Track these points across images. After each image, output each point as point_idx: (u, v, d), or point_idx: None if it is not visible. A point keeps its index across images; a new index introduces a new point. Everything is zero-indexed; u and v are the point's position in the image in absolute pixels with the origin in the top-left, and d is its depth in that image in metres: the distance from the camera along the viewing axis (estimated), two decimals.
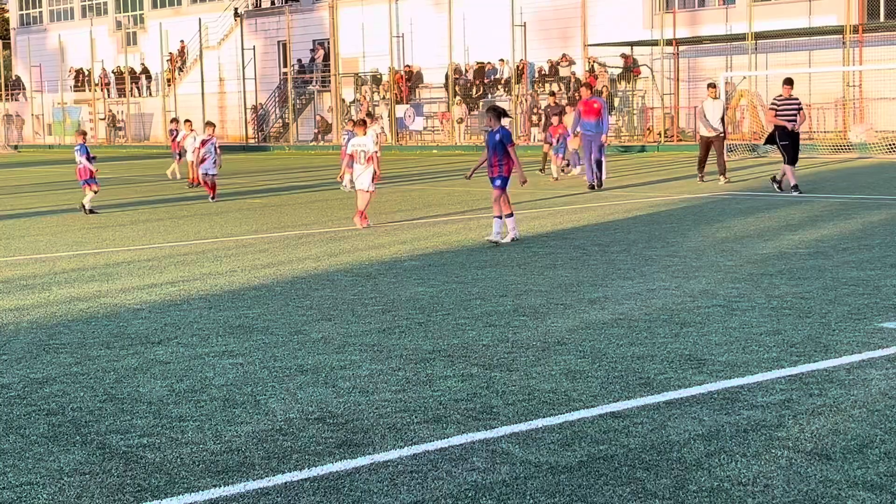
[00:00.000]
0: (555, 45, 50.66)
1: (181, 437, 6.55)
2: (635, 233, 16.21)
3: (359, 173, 17.83)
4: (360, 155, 17.78)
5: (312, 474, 5.82)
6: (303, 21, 60.89)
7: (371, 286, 12.01)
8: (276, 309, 10.74)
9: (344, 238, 16.64)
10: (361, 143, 17.87)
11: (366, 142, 17.89)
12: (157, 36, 65.74)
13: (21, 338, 9.66)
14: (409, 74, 54.98)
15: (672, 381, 7.54)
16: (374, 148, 18.02)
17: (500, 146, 15.40)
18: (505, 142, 15.41)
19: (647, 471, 5.74)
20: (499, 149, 15.41)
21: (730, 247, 14.34)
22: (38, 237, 17.97)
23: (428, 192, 25.97)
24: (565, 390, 7.36)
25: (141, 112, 69.25)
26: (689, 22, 46.93)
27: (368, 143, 17.88)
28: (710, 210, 19.36)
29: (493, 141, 15.48)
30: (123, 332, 9.77)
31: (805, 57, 43.83)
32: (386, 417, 6.83)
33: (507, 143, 15.41)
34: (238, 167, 40.15)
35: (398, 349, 8.79)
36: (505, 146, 15.39)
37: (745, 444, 6.13)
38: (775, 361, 8.02)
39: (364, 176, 17.75)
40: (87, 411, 7.17)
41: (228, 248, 15.74)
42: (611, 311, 10.12)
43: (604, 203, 21.20)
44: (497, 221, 15.37)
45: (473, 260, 13.87)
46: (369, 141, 18.02)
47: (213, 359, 8.61)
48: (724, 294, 10.85)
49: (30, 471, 6.01)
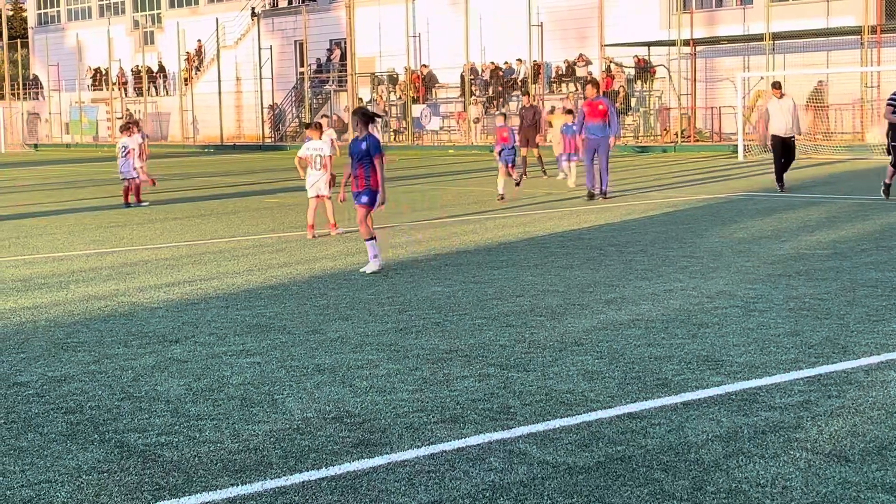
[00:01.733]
0: (571, 45, 50.60)
1: (199, 435, 6.57)
2: (652, 233, 16.19)
3: (314, 179, 17.01)
4: (315, 160, 16.99)
5: (330, 473, 5.83)
6: (319, 21, 60.95)
7: (388, 286, 12.01)
8: (293, 308, 10.76)
9: (360, 238, 16.61)
10: (317, 146, 17.11)
11: (321, 146, 17.14)
12: (175, 35, 65.86)
13: (39, 336, 9.69)
14: (425, 74, 54.99)
15: (690, 381, 7.52)
16: (330, 152, 17.35)
17: (367, 156, 13.31)
18: (372, 152, 13.27)
19: (665, 472, 5.72)
20: (365, 160, 13.30)
21: (747, 247, 14.30)
22: (56, 236, 18.03)
23: (444, 191, 25.97)
24: (582, 391, 7.35)
25: (158, 111, 69.41)
26: (706, 22, 46.83)
27: (324, 147, 17.14)
28: (728, 211, 19.32)
29: (359, 150, 13.32)
30: (141, 331, 9.79)
31: (823, 57, 43.70)
32: (403, 417, 6.83)
33: (374, 154, 13.27)
34: (254, 166, 40.23)
35: (415, 349, 8.79)
36: (371, 157, 13.30)
37: (763, 445, 6.11)
38: (793, 363, 7.99)
39: (320, 182, 16.98)
40: (105, 410, 7.19)
41: (245, 248, 15.77)
42: (628, 312, 10.11)
43: (621, 204, 21.16)
44: (370, 245, 13.21)
45: (490, 260, 13.86)
46: (325, 145, 17.29)
47: (231, 358, 8.63)
48: (742, 295, 10.82)
49: (48, 469, 6.03)
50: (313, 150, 17.04)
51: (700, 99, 46.52)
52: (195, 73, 67.38)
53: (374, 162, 13.25)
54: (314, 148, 17.07)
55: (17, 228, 19.40)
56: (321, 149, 17.04)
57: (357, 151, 13.30)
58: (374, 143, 13.29)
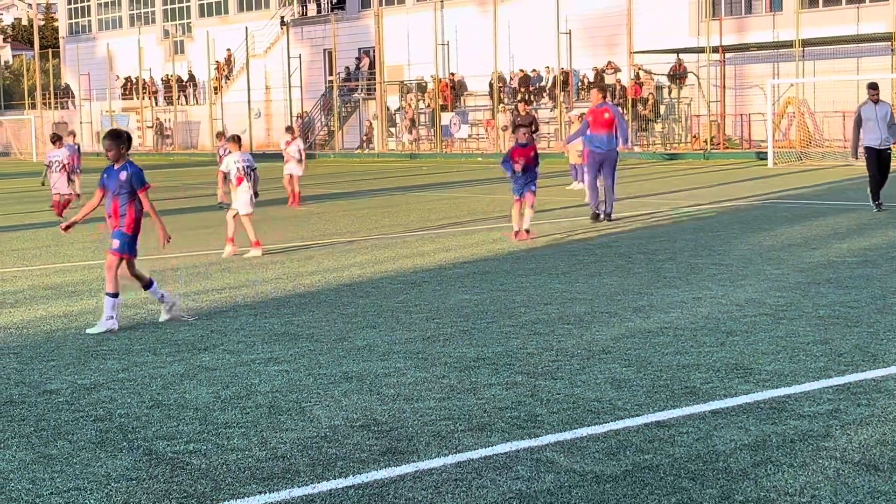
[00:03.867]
0: (600, 52, 50.54)
1: (227, 443, 6.59)
2: (681, 241, 16.14)
3: (236, 195, 16.20)
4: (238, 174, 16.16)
5: (357, 482, 5.84)
6: (348, 29, 61.12)
7: (415, 294, 12.02)
8: (321, 316, 10.78)
9: (388, 246, 16.67)
10: (238, 160, 16.25)
11: (242, 158, 16.28)
12: (204, 44, 66.19)
13: (69, 344, 9.75)
14: (455, 82, 55.04)
15: (718, 390, 7.49)
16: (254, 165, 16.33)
17: (126, 189, 10.61)
18: (134, 184, 10.59)
19: (693, 481, 5.70)
20: (123, 193, 10.61)
21: (777, 255, 14.24)
22: (87, 244, 18.13)
23: (473, 199, 25.97)
24: (610, 399, 7.34)
25: (188, 120, 69.75)
26: (735, 29, 46.68)
27: (242, 162, 16.20)
28: (757, 218, 19.24)
29: (115, 181, 10.63)
30: (170, 339, 9.84)
31: (853, 64, 43.47)
32: (430, 425, 6.84)
33: (138, 187, 10.59)
34: (283, 175, 40.29)
35: (443, 357, 8.79)
36: (133, 189, 10.61)
37: (792, 454, 6.08)
38: (823, 371, 7.95)
39: (242, 197, 16.12)
40: (134, 417, 7.23)
41: (273, 256, 15.82)
42: (656, 320, 10.08)
43: (649, 211, 21.11)
44: (109, 301, 10.43)
45: (518, 268, 13.85)
46: (242, 159, 16.32)
47: (259, 366, 8.65)
48: (771, 303, 10.77)
49: (77, 476, 6.07)
50: (235, 165, 16.22)
51: (729, 106, 46.36)
52: (225, 82, 67.69)
53: (135, 196, 10.64)
54: (235, 161, 16.26)
55: (49, 237, 19.53)
56: (238, 162, 16.22)
57: (114, 183, 10.65)
58: (136, 174, 10.64)
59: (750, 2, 47.89)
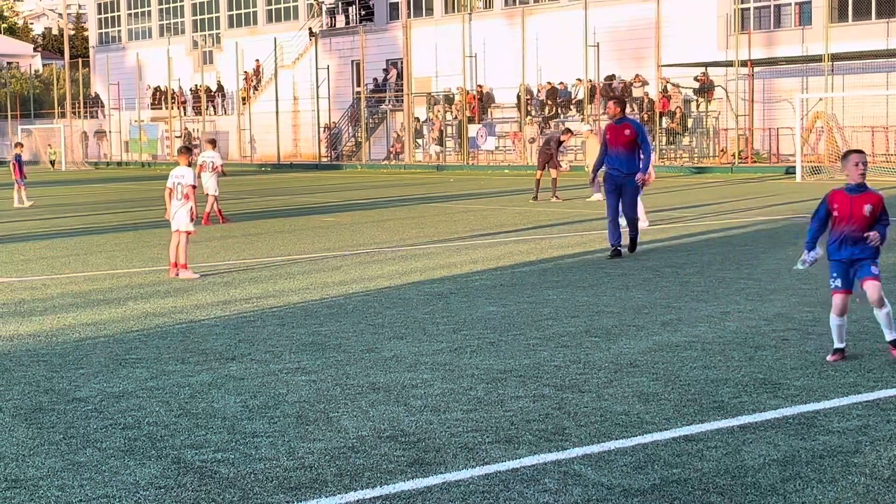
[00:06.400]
0: (628, 65, 50.48)
1: (255, 452, 6.61)
2: (709, 255, 16.09)
3: (175, 210, 15.06)
4: (177, 189, 15.06)
5: (384, 492, 5.84)
6: (376, 41, 61.28)
7: (443, 305, 12.03)
8: (348, 327, 10.80)
9: (416, 256, 16.68)
10: (180, 174, 15.12)
11: (185, 173, 15.12)
12: (233, 55, 66.52)
13: (98, 352, 9.80)
14: (482, 94, 55.09)
15: (746, 405, 7.47)
16: (193, 181, 15.13)
17: None
18: None
19: (722, 495, 5.68)
20: None
21: (806, 270, 14.14)
22: (115, 253, 18.23)
23: (500, 211, 25.96)
24: (638, 412, 7.32)
25: (216, 130, 70.01)
26: (764, 43, 46.54)
27: (188, 176, 15.11)
28: (786, 233, 19.16)
29: None
30: (198, 348, 9.88)
31: (883, 79, 43.27)
32: (457, 437, 6.84)
33: None
34: (310, 185, 40.47)
35: (470, 368, 8.79)
36: None
37: (820, 469, 6.05)
38: (852, 386, 7.91)
39: (181, 213, 15.01)
40: (162, 426, 7.26)
41: (301, 266, 15.85)
42: (684, 334, 10.05)
43: (677, 225, 21.06)
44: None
45: (545, 280, 13.84)
46: (189, 173, 15.19)
47: (287, 375, 8.67)
48: (800, 318, 10.72)
49: (106, 484, 6.10)
50: (176, 179, 15.14)
51: (757, 120, 46.20)
52: (253, 93, 67.96)
53: None
54: (177, 176, 15.16)
55: (78, 245, 19.64)
56: (184, 176, 15.12)
57: None
58: None
59: (779, 16, 47.76)
